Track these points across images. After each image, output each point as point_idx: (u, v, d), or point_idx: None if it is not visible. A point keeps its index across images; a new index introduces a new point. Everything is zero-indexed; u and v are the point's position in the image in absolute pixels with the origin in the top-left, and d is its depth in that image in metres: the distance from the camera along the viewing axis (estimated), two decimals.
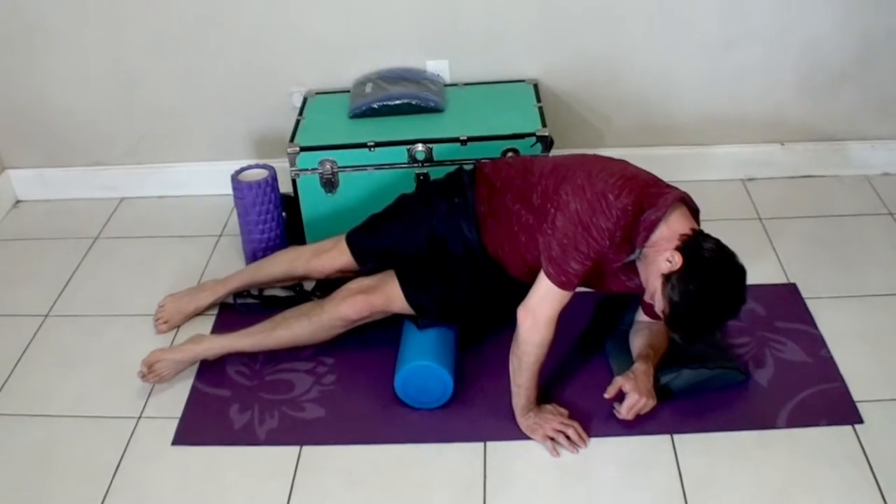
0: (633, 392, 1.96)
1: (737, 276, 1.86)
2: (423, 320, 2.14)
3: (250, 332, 2.24)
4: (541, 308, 1.92)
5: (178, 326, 2.40)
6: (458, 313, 2.16)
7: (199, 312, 2.43)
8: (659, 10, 2.65)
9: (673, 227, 1.86)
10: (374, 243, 2.24)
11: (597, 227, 1.84)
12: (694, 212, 1.97)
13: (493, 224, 2.09)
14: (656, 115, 2.84)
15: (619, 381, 1.99)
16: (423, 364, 2.05)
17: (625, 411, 1.97)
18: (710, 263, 1.83)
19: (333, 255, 2.28)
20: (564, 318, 1.97)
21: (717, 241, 1.87)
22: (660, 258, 1.84)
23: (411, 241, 2.17)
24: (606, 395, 1.99)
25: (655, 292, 1.85)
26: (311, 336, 2.20)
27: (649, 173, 1.99)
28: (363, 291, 2.15)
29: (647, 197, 1.88)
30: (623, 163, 2.02)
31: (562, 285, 1.89)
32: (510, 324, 1.96)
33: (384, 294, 2.14)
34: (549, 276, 1.89)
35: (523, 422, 2.00)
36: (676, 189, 1.94)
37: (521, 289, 2.00)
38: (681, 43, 2.71)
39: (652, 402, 1.98)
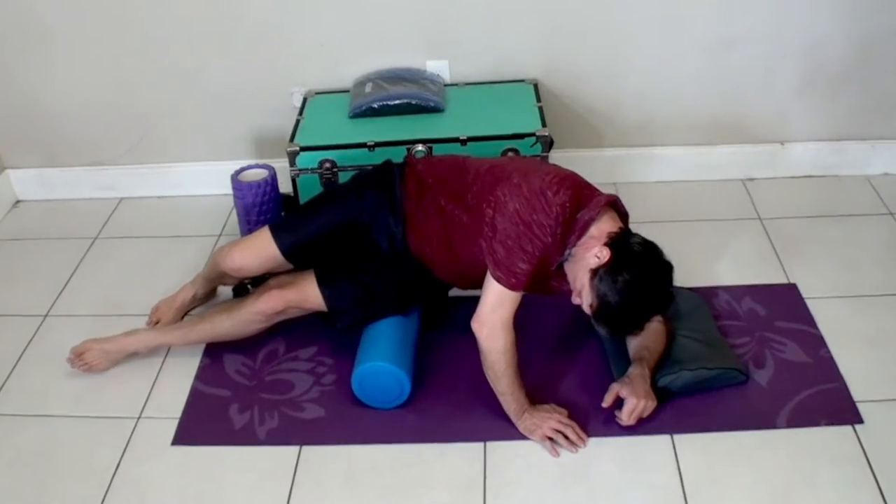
0: (630, 396, 1.96)
1: (664, 270, 1.89)
2: (339, 323, 2.15)
3: (178, 325, 2.31)
4: (495, 314, 1.91)
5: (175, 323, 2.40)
6: (374, 313, 2.15)
7: (187, 308, 2.43)
8: (659, 11, 2.64)
9: (602, 227, 1.89)
10: (299, 230, 2.18)
11: (538, 225, 1.85)
12: (623, 216, 1.99)
13: (421, 221, 2.08)
14: (656, 115, 2.84)
15: (615, 388, 1.98)
16: (361, 370, 2.06)
17: (626, 416, 1.97)
18: (637, 257, 1.86)
19: (247, 248, 2.20)
20: (561, 317, 1.97)
21: (643, 238, 1.91)
22: (588, 255, 1.86)
23: (337, 227, 2.15)
24: (604, 404, 1.99)
25: (583, 288, 1.87)
26: (231, 330, 2.21)
27: (579, 175, 2.00)
28: (279, 287, 2.17)
29: (582, 197, 1.91)
30: (555, 165, 2.04)
31: (512, 287, 1.89)
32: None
33: (300, 290, 2.14)
34: (498, 279, 1.89)
35: (521, 424, 2.00)
36: (606, 193, 1.97)
37: (443, 286, 2.09)
38: (681, 43, 2.71)
39: (652, 404, 1.98)
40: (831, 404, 2.04)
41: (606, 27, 2.68)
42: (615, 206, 1.96)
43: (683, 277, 2.17)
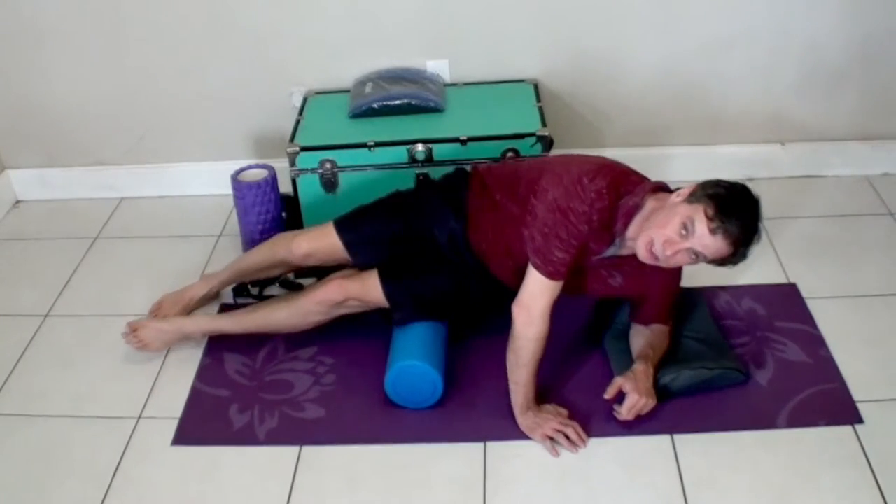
0: (632, 392, 1.96)
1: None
2: (397, 314, 2.15)
3: (234, 313, 2.31)
4: (533, 302, 1.92)
5: None
6: (432, 310, 2.16)
7: (193, 306, 2.43)
8: (659, 10, 2.65)
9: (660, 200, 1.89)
10: (362, 226, 2.21)
11: (574, 212, 1.85)
12: None
13: (481, 217, 2.10)
14: (656, 115, 2.84)
15: (619, 382, 1.99)
16: (411, 363, 2.05)
17: (625, 412, 1.97)
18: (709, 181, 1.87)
19: (314, 236, 2.24)
20: (563, 318, 1.97)
21: None
22: (668, 202, 1.84)
23: (398, 224, 2.17)
24: (606, 396, 1.99)
25: (681, 223, 1.79)
26: (287, 319, 2.21)
27: (627, 166, 2.00)
28: (341, 277, 2.19)
29: (625, 183, 1.90)
30: (602, 157, 2.04)
31: (550, 275, 1.89)
32: (510, 324, 1.96)
33: (362, 282, 2.15)
34: (536, 267, 1.90)
35: (522, 421, 2.00)
36: (653, 180, 1.96)
37: (499, 289, 2.05)
38: (681, 43, 2.71)
39: (652, 402, 1.98)
40: (831, 404, 2.04)
41: (606, 27, 2.68)
42: (663, 189, 1.94)
43: (683, 277, 2.17)
